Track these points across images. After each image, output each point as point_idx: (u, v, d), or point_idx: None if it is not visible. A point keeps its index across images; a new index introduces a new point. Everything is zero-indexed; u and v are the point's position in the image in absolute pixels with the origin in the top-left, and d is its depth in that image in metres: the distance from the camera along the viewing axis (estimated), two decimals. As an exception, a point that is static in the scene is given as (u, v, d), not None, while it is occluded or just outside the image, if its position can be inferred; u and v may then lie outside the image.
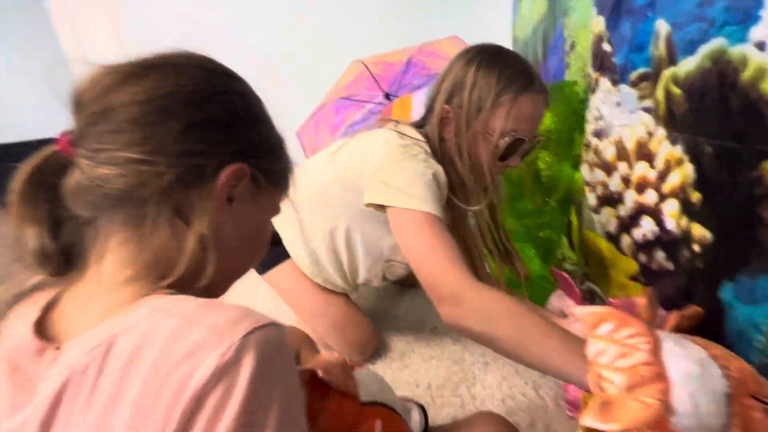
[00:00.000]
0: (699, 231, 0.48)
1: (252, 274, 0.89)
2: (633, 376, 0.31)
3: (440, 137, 0.66)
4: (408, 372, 0.73)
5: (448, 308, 0.47)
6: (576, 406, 0.59)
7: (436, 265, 0.51)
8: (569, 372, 0.37)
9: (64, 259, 0.29)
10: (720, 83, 0.41)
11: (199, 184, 0.29)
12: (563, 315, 0.67)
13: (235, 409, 0.21)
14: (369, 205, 0.61)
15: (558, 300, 0.68)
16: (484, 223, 0.75)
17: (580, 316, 0.37)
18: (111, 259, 0.28)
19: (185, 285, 0.29)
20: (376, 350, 0.79)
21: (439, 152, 0.65)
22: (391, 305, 0.97)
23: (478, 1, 2.13)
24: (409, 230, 0.56)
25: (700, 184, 0.47)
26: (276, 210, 0.37)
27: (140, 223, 0.28)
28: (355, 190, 0.65)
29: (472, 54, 0.66)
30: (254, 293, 1.07)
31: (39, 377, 0.25)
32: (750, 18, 0.36)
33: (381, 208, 0.60)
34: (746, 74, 0.38)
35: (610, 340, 0.34)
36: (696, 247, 0.49)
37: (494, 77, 0.62)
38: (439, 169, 0.61)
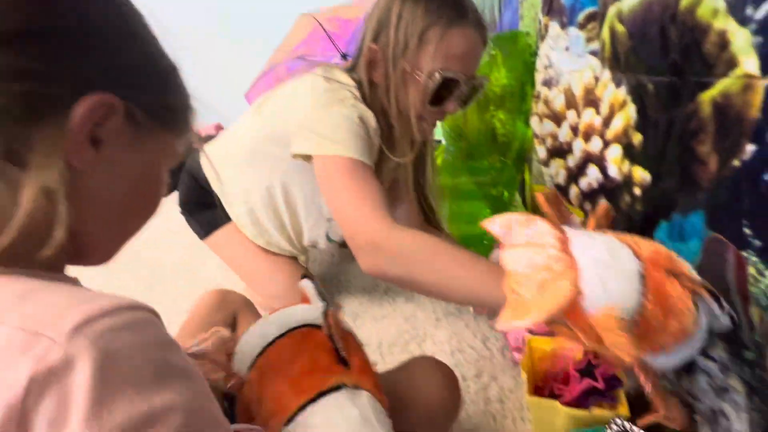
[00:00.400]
0: (639, 174, 0.47)
1: (199, 241, 0.84)
2: (544, 272, 0.31)
3: (370, 81, 0.60)
4: (359, 332, 0.71)
5: (366, 257, 0.45)
6: (520, 352, 0.60)
7: (356, 213, 0.48)
8: (488, 293, 0.35)
9: None
10: (661, 15, 0.39)
11: (41, 118, 0.22)
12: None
13: (77, 427, 0.16)
14: (296, 156, 0.57)
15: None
16: (406, 176, 0.71)
17: (485, 227, 0.35)
18: None
19: (32, 254, 0.22)
20: (328, 313, 0.77)
21: (370, 98, 0.60)
22: (344, 268, 0.94)
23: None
24: (331, 178, 0.53)
25: (641, 124, 0.46)
26: (172, 157, 0.30)
27: None
28: (284, 143, 0.59)
29: None
30: (203, 263, 1.01)
31: None
32: (691, -63, 0.34)
33: (309, 158, 0.55)
34: (683, 2, 0.36)
35: (520, 246, 0.33)
36: (636, 191, 0.48)
37: (420, 9, 0.56)
38: (369, 113, 0.57)
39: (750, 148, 0.32)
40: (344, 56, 1.82)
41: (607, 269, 0.30)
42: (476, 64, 0.61)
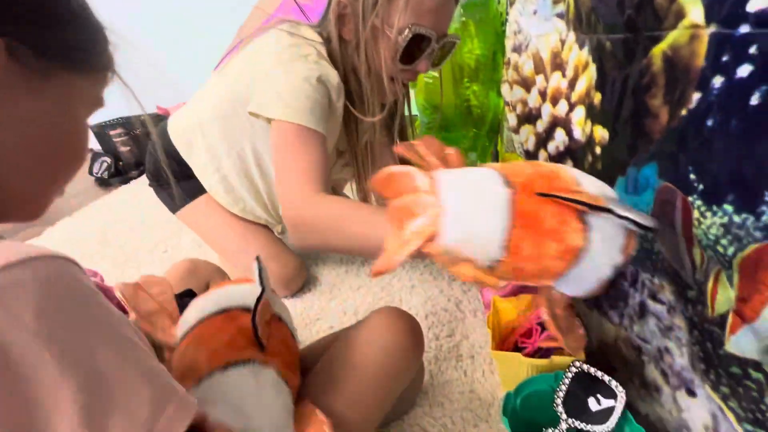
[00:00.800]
0: (599, 132, 0.49)
1: (172, 216, 0.83)
2: (408, 215, 0.31)
3: (339, 37, 0.58)
4: (336, 302, 0.73)
5: (291, 232, 0.47)
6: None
7: (289, 183, 0.49)
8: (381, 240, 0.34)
9: None
10: (619, -30, 0.40)
11: None
12: None
13: None
14: (251, 114, 0.56)
15: None
16: (376, 135, 0.69)
17: (373, 185, 0.34)
18: None
19: None
20: (305, 285, 0.78)
21: (339, 56, 0.59)
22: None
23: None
24: (276, 144, 0.53)
25: (600, 84, 0.47)
26: (88, 102, 0.27)
27: None
28: (248, 103, 0.58)
29: None
30: (178, 239, 1.00)
31: None
32: None
33: (268, 119, 0.55)
34: (640, -45, 0.37)
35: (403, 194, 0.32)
36: (597, 150, 0.50)
37: None
38: (331, 72, 0.56)
39: (696, 96, 0.33)
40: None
41: (468, 204, 0.30)
42: (448, 21, 0.60)
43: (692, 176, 0.34)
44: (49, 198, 0.28)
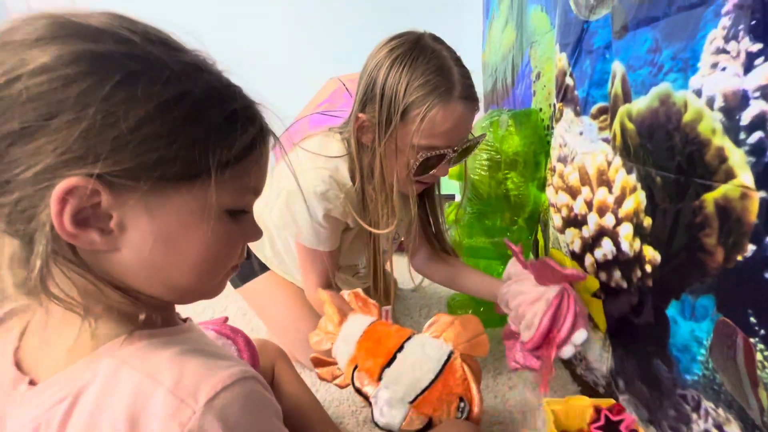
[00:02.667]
0: (650, 252, 0.52)
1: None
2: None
3: (359, 146, 0.63)
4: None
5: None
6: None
7: (305, 282, 0.76)
8: None
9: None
10: (666, 122, 0.46)
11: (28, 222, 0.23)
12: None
13: None
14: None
15: (512, 266, 0.72)
16: (411, 228, 0.75)
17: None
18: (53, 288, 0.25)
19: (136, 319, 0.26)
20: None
21: (357, 157, 0.63)
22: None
23: (452, 29, 2.22)
24: (297, 252, 0.75)
25: (651, 210, 0.51)
26: (209, 207, 0.27)
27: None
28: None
29: (385, 52, 0.59)
30: (223, 307, 1.05)
31: (8, 415, 0.26)
32: (689, 68, 0.41)
33: None
34: (687, 116, 0.42)
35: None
36: (647, 267, 0.53)
37: (403, 85, 0.55)
38: (337, 205, 0.65)
39: (751, 247, 0.36)
40: (363, 111, 1.94)
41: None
42: (465, 133, 0.63)
43: (752, 319, 0.36)
44: (222, 279, 0.32)
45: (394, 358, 0.54)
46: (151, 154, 0.24)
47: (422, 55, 0.57)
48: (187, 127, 0.25)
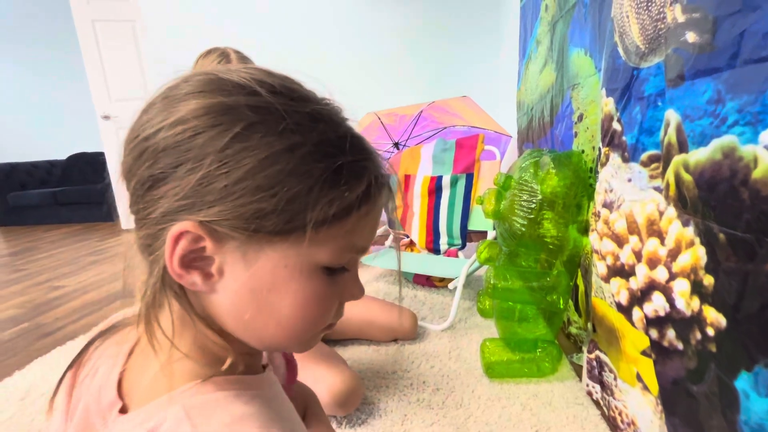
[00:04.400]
0: (712, 314, 0.48)
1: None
2: None
3: None
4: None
5: None
6: None
7: None
8: None
9: None
10: (731, 176, 0.43)
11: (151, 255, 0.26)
12: None
13: None
14: None
15: None
16: None
17: None
18: (163, 324, 0.27)
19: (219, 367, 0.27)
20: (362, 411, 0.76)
21: None
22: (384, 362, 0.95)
23: (489, 69, 2.26)
24: None
25: (712, 267, 0.48)
26: (301, 263, 0.26)
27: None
28: None
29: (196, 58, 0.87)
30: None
31: None
32: (760, 122, 0.39)
33: None
34: (757, 172, 0.40)
35: None
36: (709, 331, 0.49)
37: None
38: None
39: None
40: (396, 144, 1.98)
41: None
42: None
43: None
44: (314, 336, 0.30)
45: None
46: (250, 205, 0.24)
47: (213, 51, 0.85)
48: (290, 181, 0.25)
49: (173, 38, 2.49)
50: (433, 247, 1.61)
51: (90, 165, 4.00)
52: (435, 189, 1.61)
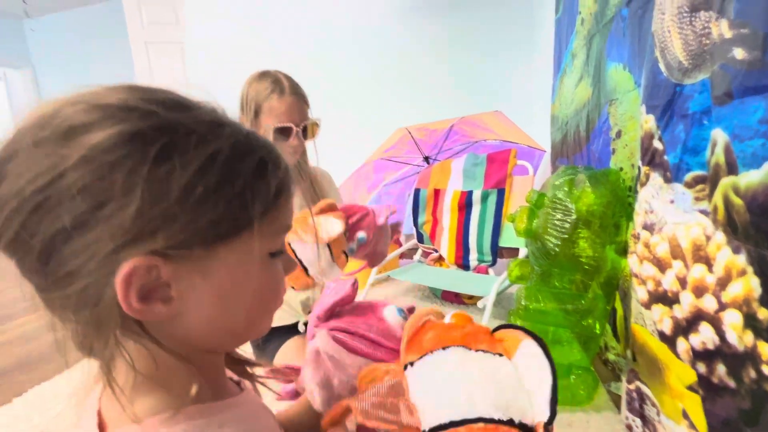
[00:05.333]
0: (768, 352, 0.44)
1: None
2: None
3: None
4: None
5: None
6: None
7: None
8: None
9: None
10: (788, 202, 0.40)
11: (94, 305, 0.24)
12: None
13: None
14: None
15: None
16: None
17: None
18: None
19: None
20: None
21: None
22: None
23: (522, 82, 2.22)
24: None
25: (767, 301, 0.44)
26: (255, 253, 0.28)
27: None
28: None
29: (248, 79, 1.01)
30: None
31: None
32: (820, 146, 0.36)
33: None
34: (818, 199, 0.36)
35: None
36: (765, 369, 0.45)
37: (253, 90, 0.98)
38: None
39: None
40: (426, 159, 1.97)
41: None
42: (300, 114, 0.97)
43: None
44: (270, 317, 0.33)
45: None
46: (199, 220, 0.25)
47: (265, 75, 0.99)
48: (225, 186, 0.26)
49: (216, 58, 2.62)
50: (463, 263, 1.58)
51: None
52: (465, 204, 1.59)
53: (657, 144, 0.64)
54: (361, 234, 0.87)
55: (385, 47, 2.39)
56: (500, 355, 0.41)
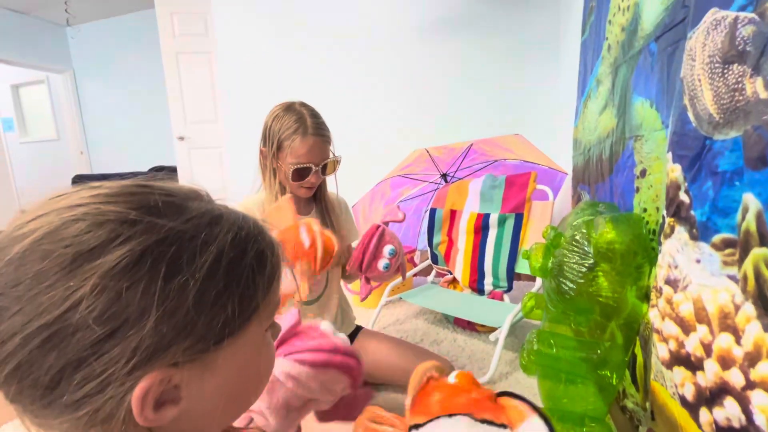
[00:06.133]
0: (801, 448, 0.40)
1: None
2: None
3: (263, 166, 1.03)
4: None
5: None
6: None
7: None
8: None
9: None
10: (827, 292, 0.36)
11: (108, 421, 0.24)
12: None
13: None
14: None
15: None
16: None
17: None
18: None
19: None
20: None
21: (263, 176, 1.02)
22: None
23: (546, 102, 2.17)
24: None
25: (802, 392, 0.40)
26: (259, 342, 0.31)
27: None
28: None
29: (273, 110, 0.99)
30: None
31: None
32: None
33: None
34: None
35: None
36: (797, 466, 0.41)
37: (276, 127, 0.96)
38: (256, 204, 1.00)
39: None
40: (444, 176, 1.95)
41: None
42: (321, 154, 0.98)
43: None
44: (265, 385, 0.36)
45: None
46: (212, 323, 0.26)
47: (290, 111, 0.98)
48: (232, 285, 0.27)
49: (243, 68, 2.68)
50: (477, 287, 1.55)
51: (167, 176, 4.44)
52: (482, 227, 1.56)
53: (683, 197, 0.60)
54: (389, 247, 0.92)
55: (404, 66, 2.38)
56: (504, 426, 0.40)
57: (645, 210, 0.84)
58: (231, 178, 2.91)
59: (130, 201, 0.25)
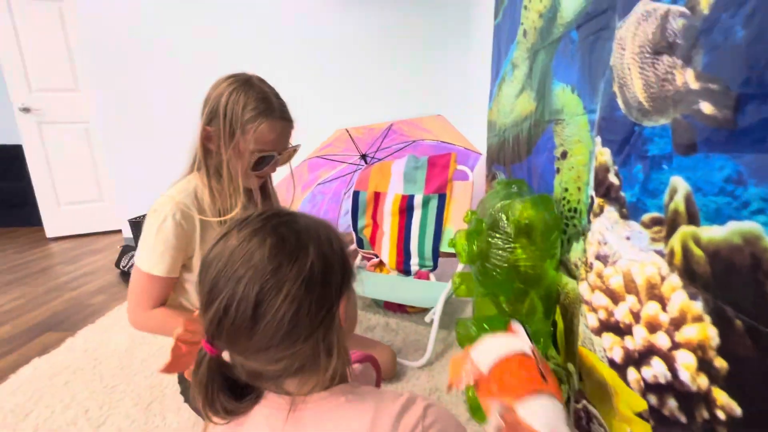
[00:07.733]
0: (724, 399, 0.46)
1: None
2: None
3: (205, 149, 0.86)
4: None
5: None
6: None
7: (128, 305, 0.86)
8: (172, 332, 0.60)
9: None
10: (754, 267, 0.41)
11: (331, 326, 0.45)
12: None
13: None
14: None
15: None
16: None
17: None
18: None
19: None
20: None
21: (206, 160, 0.87)
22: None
23: (460, 83, 2.23)
24: (132, 277, 0.86)
25: (725, 353, 0.46)
26: (350, 297, 0.50)
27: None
28: None
29: (225, 85, 0.83)
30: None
31: None
32: (795, 220, 0.37)
33: None
34: (789, 270, 0.37)
35: None
36: (719, 414, 0.47)
37: (240, 107, 0.81)
38: (187, 209, 0.84)
39: None
40: (363, 156, 1.90)
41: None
42: (285, 141, 0.89)
43: None
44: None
45: None
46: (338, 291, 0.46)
47: (249, 88, 0.83)
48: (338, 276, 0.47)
49: (107, 20, 2.23)
50: (404, 268, 1.56)
51: (4, 161, 3.34)
52: (406, 208, 1.56)
53: (613, 178, 0.65)
54: None
55: (323, 39, 2.23)
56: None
57: (566, 190, 0.91)
58: (107, 159, 2.46)
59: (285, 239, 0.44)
